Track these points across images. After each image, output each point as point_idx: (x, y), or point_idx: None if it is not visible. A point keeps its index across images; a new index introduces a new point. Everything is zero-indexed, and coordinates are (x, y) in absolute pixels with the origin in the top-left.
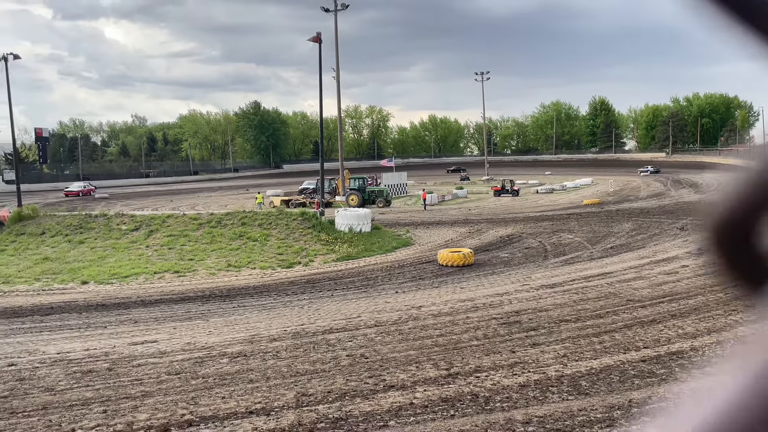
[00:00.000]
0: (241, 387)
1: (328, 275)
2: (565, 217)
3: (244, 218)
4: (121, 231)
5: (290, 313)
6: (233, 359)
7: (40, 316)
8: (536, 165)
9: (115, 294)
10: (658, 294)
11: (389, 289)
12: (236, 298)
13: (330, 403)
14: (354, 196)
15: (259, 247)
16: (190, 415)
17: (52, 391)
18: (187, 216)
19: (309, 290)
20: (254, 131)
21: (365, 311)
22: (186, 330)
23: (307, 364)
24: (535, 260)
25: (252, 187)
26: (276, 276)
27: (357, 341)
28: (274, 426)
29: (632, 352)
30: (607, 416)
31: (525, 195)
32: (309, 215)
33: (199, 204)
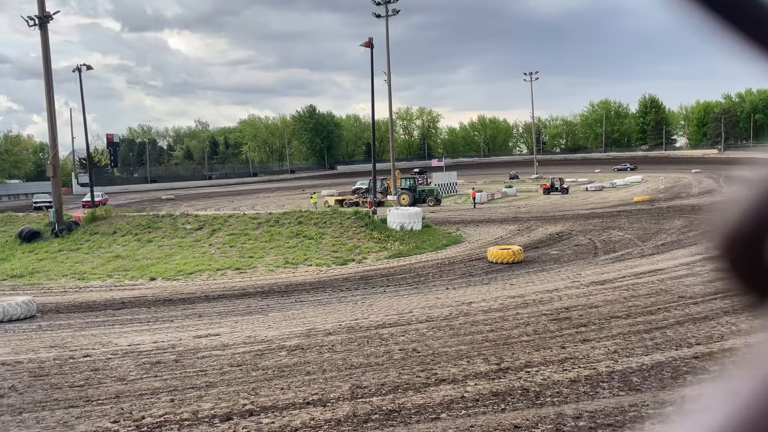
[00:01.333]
0: (299, 379)
1: (380, 272)
2: (615, 215)
3: (300, 217)
4: (186, 230)
5: (345, 309)
6: (291, 352)
7: (112, 310)
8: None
9: (180, 290)
10: (710, 291)
11: (440, 285)
12: (293, 294)
13: (383, 396)
14: (405, 195)
15: (315, 245)
16: (251, 405)
17: (123, 380)
18: (247, 216)
19: (362, 286)
20: (309, 134)
21: (417, 307)
22: (247, 324)
23: (361, 357)
24: (585, 257)
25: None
26: (331, 273)
27: (409, 336)
28: (330, 416)
29: (684, 348)
30: (659, 412)
31: (574, 193)
32: (362, 214)
33: (258, 204)
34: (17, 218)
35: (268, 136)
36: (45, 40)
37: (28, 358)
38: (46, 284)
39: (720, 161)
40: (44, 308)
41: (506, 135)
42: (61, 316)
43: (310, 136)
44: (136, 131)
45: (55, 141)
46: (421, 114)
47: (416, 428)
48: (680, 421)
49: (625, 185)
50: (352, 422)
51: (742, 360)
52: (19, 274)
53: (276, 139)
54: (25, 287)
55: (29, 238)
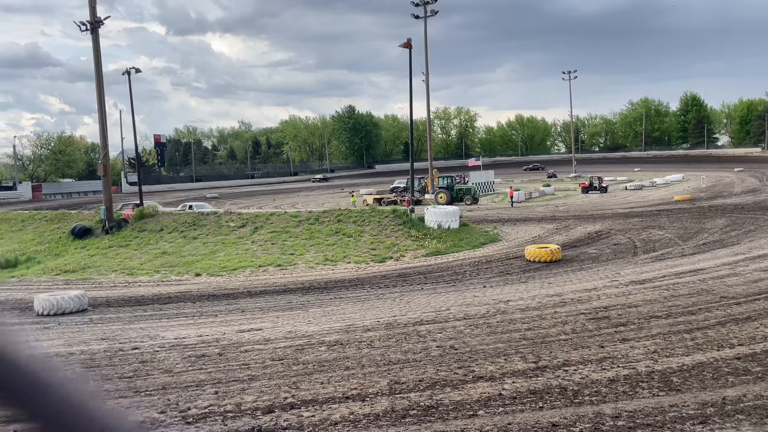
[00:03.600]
0: (338, 373)
1: (418, 269)
2: (655, 214)
3: (339, 216)
4: (230, 228)
5: (383, 305)
6: (331, 347)
7: (159, 304)
8: (625, 162)
9: (224, 285)
10: (753, 291)
11: (477, 283)
12: (333, 290)
13: (421, 392)
14: (443, 194)
15: (354, 243)
16: (292, 399)
17: (170, 372)
18: (288, 214)
19: (400, 284)
20: (348, 134)
21: (454, 304)
22: (288, 319)
23: (399, 353)
24: (624, 256)
25: (347, 187)
26: (369, 270)
27: (446, 333)
28: (369, 411)
29: (726, 349)
30: (700, 413)
31: (613, 192)
32: (400, 212)
33: (298, 202)
34: (70, 215)
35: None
36: (96, 44)
37: (80, 350)
38: (97, 279)
39: (763, 159)
40: (95, 302)
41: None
42: (110, 309)
43: (349, 135)
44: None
45: (105, 141)
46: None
47: (454, 424)
48: None
49: (665, 184)
50: (390, 417)
51: None
52: (71, 269)
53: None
54: (77, 282)
55: (81, 234)
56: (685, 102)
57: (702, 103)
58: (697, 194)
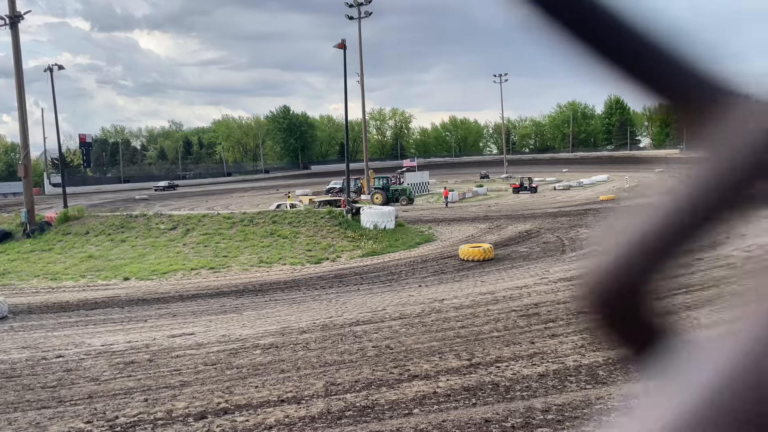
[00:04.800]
0: (273, 377)
1: (354, 270)
2: (581, 213)
3: (274, 217)
4: (160, 230)
5: (319, 307)
6: (266, 350)
7: (85, 310)
8: (553, 163)
9: (154, 289)
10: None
11: (413, 283)
12: (268, 293)
13: (357, 392)
14: (378, 194)
15: (289, 244)
16: (226, 404)
17: (97, 381)
18: (221, 215)
19: (336, 285)
20: (283, 134)
21: (390, 304)
22: (221, 323)
23: (335, 354)
24: (554, 255)
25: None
26: (305, 271)
27: (382, 333)
28: (305, 414)
29: None
30: (625, 404)
31: (543, 192)
32: (336, 213)
33: (232, 204)
34: None
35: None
36: (16, 39)
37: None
38: (18, 285)
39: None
40: (16, 309)
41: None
42: (33, 316)
43: (284, 136)
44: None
45: (26, 141)
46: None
47: (389, 424)
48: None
49: (591, 184)
50: (326, 419)
51: None
52: None
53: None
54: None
55: (0, 238)
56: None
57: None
58: (621, 194)
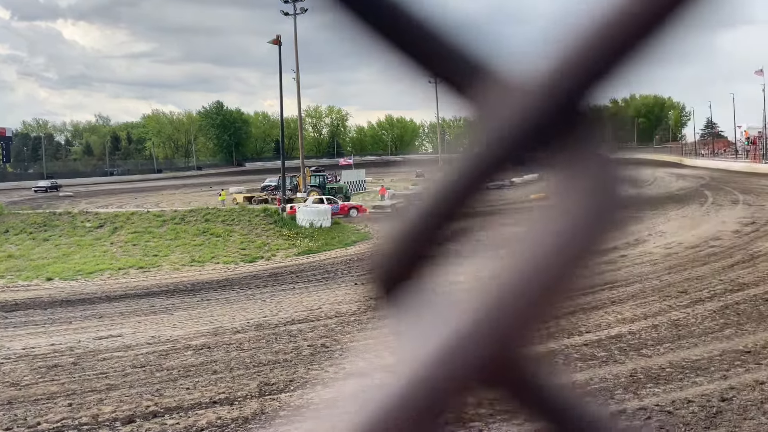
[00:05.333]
0: (205, 378)
1: (289, 269)
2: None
3: (207, 215)
4: (86, 228)
5: (253, 306)
6: (197, 351)
7: (4, 312)
8: None
9: (80, 290)
10: (599, 282)
11: (349, 281)
12: (200, 292)
13: (292, 392)
14: (314, 192)
15: (223, 243)
16: (155, 407)
17: (17, 386)
18: (151, 213)
19: (271, 283)
20: (217, 130)
21: (326, 303)
22: (151, 324)
23: (270, 354)
24: None
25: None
26: (239, 270)
27: (318, 332)
28: (237, 415)
29: (575, 336)
30: None
31: None
32: (271, 211)
33: (163, 201)
34: None
35: (173, 132)
36: None
37: None
38: None
39: None
40: None
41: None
42: None
43: (218, 132)
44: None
45: None
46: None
47: None
48: None
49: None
50: (259, 420)
51: None
52: None
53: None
54: None
55: None
56: None
57: None
58: None
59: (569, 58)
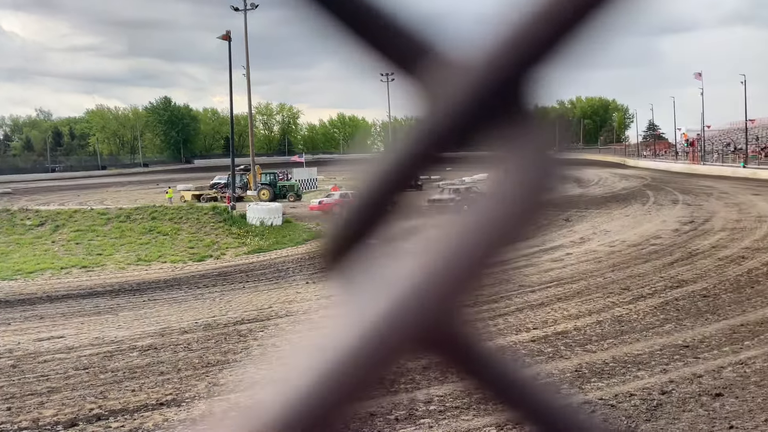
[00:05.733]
0: (152, 379)
1: (239, 268)
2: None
3: (154, 213)
4: (26, 226)
5: (202, 306)
6: (144, 352)
7: None
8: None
9: (19, 290)
10: (545, 279)
11: (300, 280)
12: (146, 292)
13: (241, 392)
14: (265, 190)
15: (170, 241)
16: (99, 409)
17: None
18: (95, 211)
19: (221, 283)
20: (164, 126)
21: (277, 302)
22: (94, 325)
23: (219, 354)
24: None
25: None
26: (187, 269)
27: (268, 331)
28: (185, 416)
29: (523, 333)
30: None
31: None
32: (220, 209)
33: (107, 199)
34: None
35: (119, 128)
36: None
37: None
38: None
39: None
40: None
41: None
42: None
43: (165, 128)
44: None
45: None
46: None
47: None
48: None
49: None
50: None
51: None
52: None
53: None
54: None
55: None
56: None
57: None
58: None
59: (510, 38)
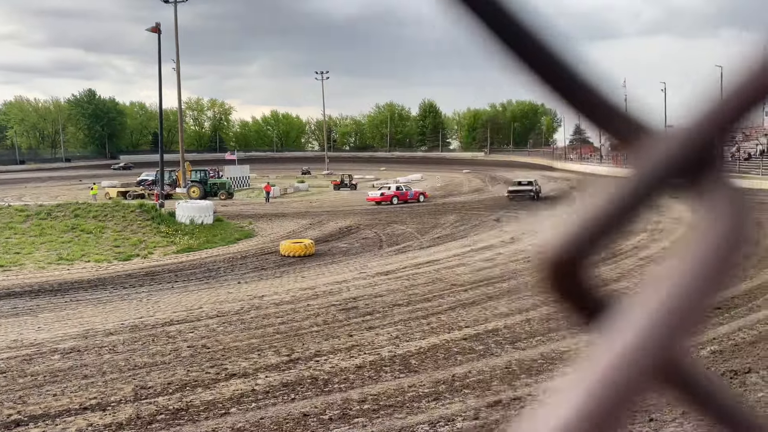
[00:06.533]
0: (75, 383)
1: (168, 267)
2: (398, 210)
3: (77, 210)
4: None
5: (128, 307)
6: (66, 355)
7: None
8: (373, 161)
9: None
10: (477, 278)
11: (231, 279)
12: (69, 293)
13: (170, 395)
14: (195, 188)
15: (94, 240)
16: (18, 415)
17: None
18: (12, 207)
19: (148, 283)
20: (88, 120)
21: (207, 302)
22: (12, 327)
23: (146, 357)
24: (371, 250)
25: (86, 178)
26: (112, 269)
27: (198, 332)
28: (111, 421)
29: (455, 331)
30: (434, 390)
31: (362, 189)
32: (148, 207)
33: (26, 195)
34: None
35: (39, 121)
36: None
37: None
38: None
39: (486, 163)
40: None
41: (299, 131)
42: None
43: (89, 122)
44: None
45: None
46: (212, 105)
47: (205, 425)
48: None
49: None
50: (135, 425)
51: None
52: None
53: (48, 125)
54: None
55: None
56: (424, 108)
57: (438, 110)
58: (433, 192)
59: (701, 118)
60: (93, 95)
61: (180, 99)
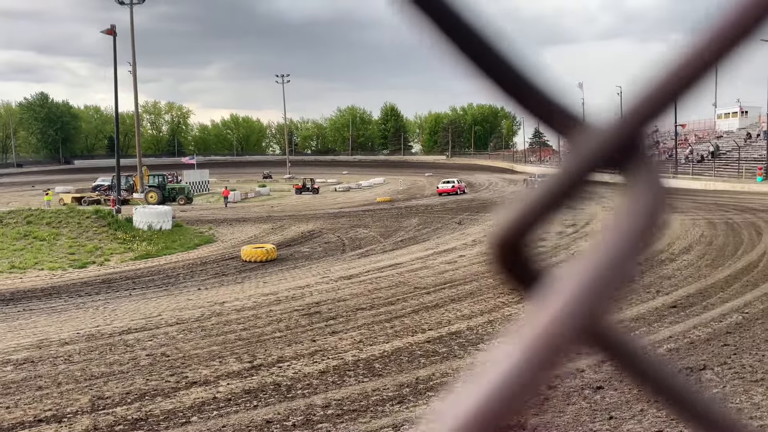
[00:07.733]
0: (29, 395)
1: (125, 274)
2: (360, 214)
3: (29, 216)
4: None
5: (84, 315)
6: (19, 366)
7: None
8: (335, 165)
9: None
10: (440, 281)
11: (191, 286)
12: (21, 302)
13: (129, 405)
14: (153, 193)
15: (48, 247)
16: None
17: None
18: None
19: (104, 290)
20: (40, 124)
21: (166, 309)
22: None
23: (103, 366)
24: (334, 254)
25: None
26: (67, 277)
27: (158, 340)
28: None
29: (419, 334)
30: (398, 394)
31: (324, 193)
32: (104, 213)
33: None
34: None
35: None
36: None
37: None
38: None
39: (447, 166)
40: None
41: (259, 135)
42: None
43: (41, 126)
44: None
45: None
46: (170, 108)
47: None
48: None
49: (369, 186)
50: None
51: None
52: None
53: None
54: None
55: None
56: (386, 112)
57: (399, 114)
58: (396, 196)
59: (631, 109)
60: (46, 98)
61: (137, 102)
